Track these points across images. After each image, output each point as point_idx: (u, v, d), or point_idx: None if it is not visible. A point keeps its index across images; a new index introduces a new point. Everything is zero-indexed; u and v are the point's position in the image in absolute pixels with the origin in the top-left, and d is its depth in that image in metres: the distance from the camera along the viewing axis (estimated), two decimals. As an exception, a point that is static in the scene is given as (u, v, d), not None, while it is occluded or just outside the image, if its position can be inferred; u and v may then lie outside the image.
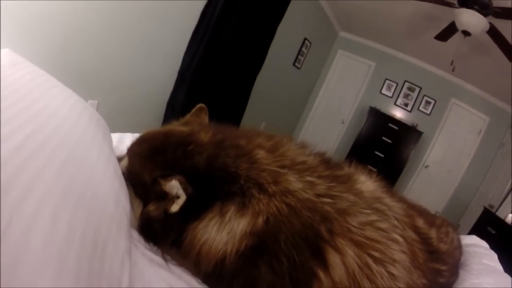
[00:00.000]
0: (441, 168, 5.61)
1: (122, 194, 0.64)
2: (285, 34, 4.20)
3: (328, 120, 6.24)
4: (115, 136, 1.11)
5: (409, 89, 5.78)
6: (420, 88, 5.67)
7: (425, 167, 5.67)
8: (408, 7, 3.78)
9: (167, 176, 0.59)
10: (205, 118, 0.87)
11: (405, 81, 5.76)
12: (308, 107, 6.37)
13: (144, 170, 0.67)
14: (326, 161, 0.69)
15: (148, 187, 0.64)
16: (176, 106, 3.05)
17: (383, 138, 5.31)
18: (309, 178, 0.61)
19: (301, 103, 6.16)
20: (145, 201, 0.67)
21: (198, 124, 0.80)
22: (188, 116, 0.86)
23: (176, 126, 0.79)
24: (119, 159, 0.78)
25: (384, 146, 5.30)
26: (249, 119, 4.17)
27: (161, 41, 2.81)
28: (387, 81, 5.85)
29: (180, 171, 0.60)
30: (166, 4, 2.64)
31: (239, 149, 0.64)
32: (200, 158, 0.63)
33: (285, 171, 0.61)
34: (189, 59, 3.05)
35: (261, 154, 0.64)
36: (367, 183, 0.67)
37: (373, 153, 5.31)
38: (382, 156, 5.28)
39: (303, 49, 5.04)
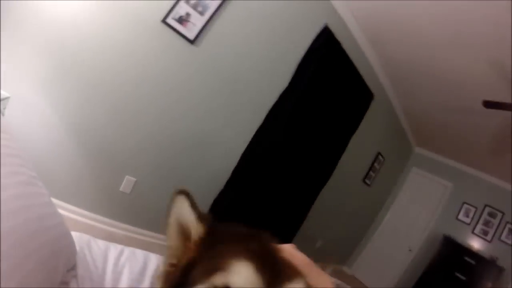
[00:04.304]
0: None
1: None
2: (358, 146, 3.93)
3: (394, 245, 5.49)
4: (138, 259, 0.87)
5: (490, 214, 5.03)
6: (503, 214, 4.87)
7: (501, 314, 4.74)
8: (495, 120, 3.35)
9: None
10: None
11: (486, 205, 5.05)
12: (372, 228, 5.73)
13: None
14: None
15: None
16: (221, 208, 2.76)
17: (457, 274, 4.58)
18: None
19: (365, 223, 5.58)
20: None
21: None
22: None
23: None
24: None
25: (457, 283, 4.55)
26: (303, 234, 3.75)
27: (222, 138, 2.73)
28: (465, 205, 5.20)
29: None
30: (234, 104, 2.68)
31: None
32: None
33: None
34: (248, 158, 2.80)
35: None
36: None
37: (444, 291, 4.57)
38: (454, 294, 4.52)
39: (376, 164, 4.67)
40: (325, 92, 3.07)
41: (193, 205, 0.49)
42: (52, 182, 2.14)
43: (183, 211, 0.49)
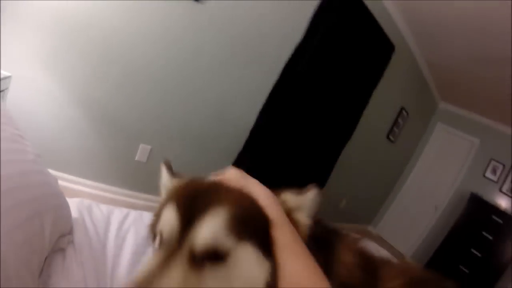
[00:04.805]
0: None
1: None
2: (381, 101, 3.76)
3: (419, 204, 5.34)
4: (146, 222, 0.87)
5: (518, 172, 4.86)
6: (532, 172, 4.73)
7: (531, 273, 4.63)
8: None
9: None
10: None
11: (514, 162, 4.87)
12: (397, 187, 5.58)
13: None
14: None
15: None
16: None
17: (483, 233, 4.46)
18: None
19: (390, 182, 5.43)
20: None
21: None
22: None
23: None
24: None
25: (483, 243, 4.42)
26: (327, 194, 3.66)
27: (237, 98, 2.61)
28: (492, 162, 4.98)
29: None
30: (247, 62, 2.54)
31: None
32: None
33: None
34: (265, 118, 2.67)
35: None
36: None
37: (469, 251, 4.47)
38: (479, 255, 4.41)
39: (399, 120, 4.48)
40: (343, 45, 2.87)
41: (168, 167, 0.63)
42: (67, 159, 2.11)
43: (164, 176, 0.63)
